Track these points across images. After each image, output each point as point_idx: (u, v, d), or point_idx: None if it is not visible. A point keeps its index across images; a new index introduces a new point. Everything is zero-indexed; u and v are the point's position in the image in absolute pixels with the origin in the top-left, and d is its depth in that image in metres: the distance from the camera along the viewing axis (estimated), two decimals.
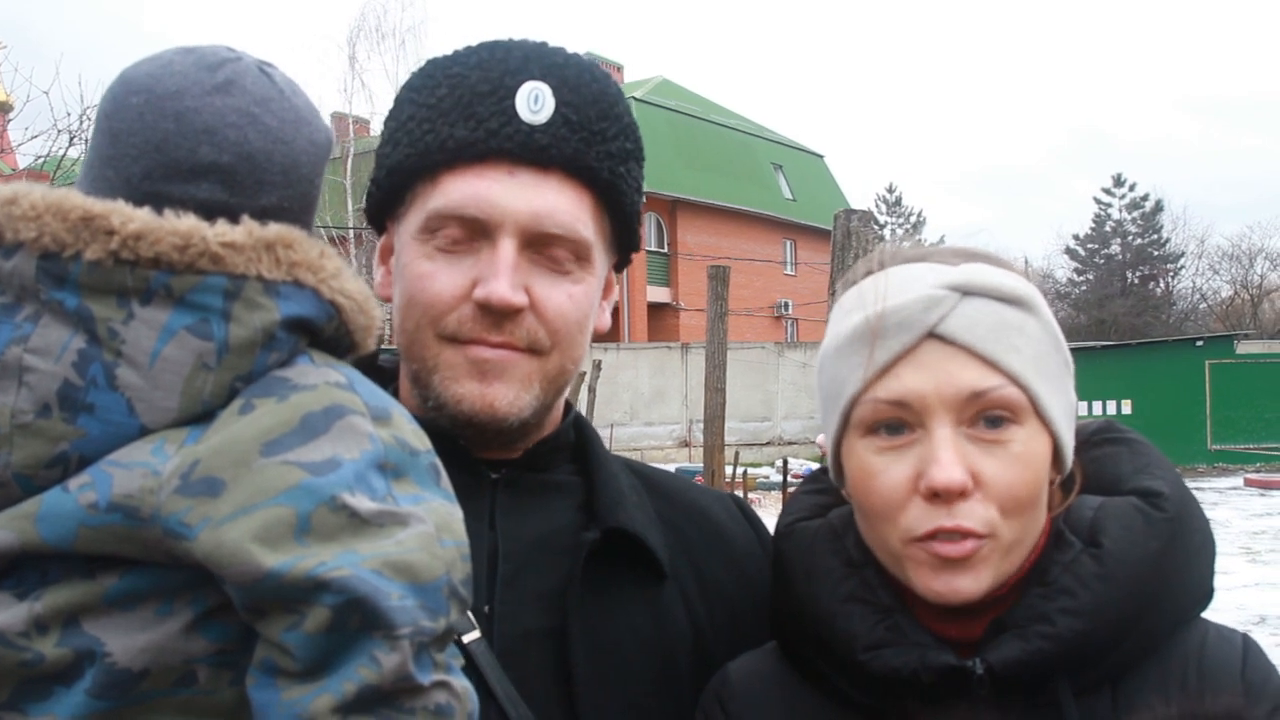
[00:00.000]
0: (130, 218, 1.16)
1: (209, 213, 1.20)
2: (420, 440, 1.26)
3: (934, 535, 1.25)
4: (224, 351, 1.17)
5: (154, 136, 1.21)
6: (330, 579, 1.09)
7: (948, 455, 1.24)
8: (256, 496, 1.12)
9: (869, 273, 1.37)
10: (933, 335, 1.28)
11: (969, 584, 1.25)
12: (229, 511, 1.11)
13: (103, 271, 1.15)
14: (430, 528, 1.18)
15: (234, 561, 1.10)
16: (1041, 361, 1.30)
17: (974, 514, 1.24)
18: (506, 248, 1.42)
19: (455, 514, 1.24)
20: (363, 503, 1.14)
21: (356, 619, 1.09)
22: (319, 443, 1.15)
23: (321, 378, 1.21)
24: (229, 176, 1.22)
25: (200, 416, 1.17)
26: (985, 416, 1.27)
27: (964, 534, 1.24)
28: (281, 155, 1.25)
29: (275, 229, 1.22)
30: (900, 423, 1.28)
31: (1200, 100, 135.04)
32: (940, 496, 1.24)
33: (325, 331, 1.26)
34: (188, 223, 1.18)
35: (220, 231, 1.18)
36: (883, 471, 1.29)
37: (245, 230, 1.20)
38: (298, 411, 1.17)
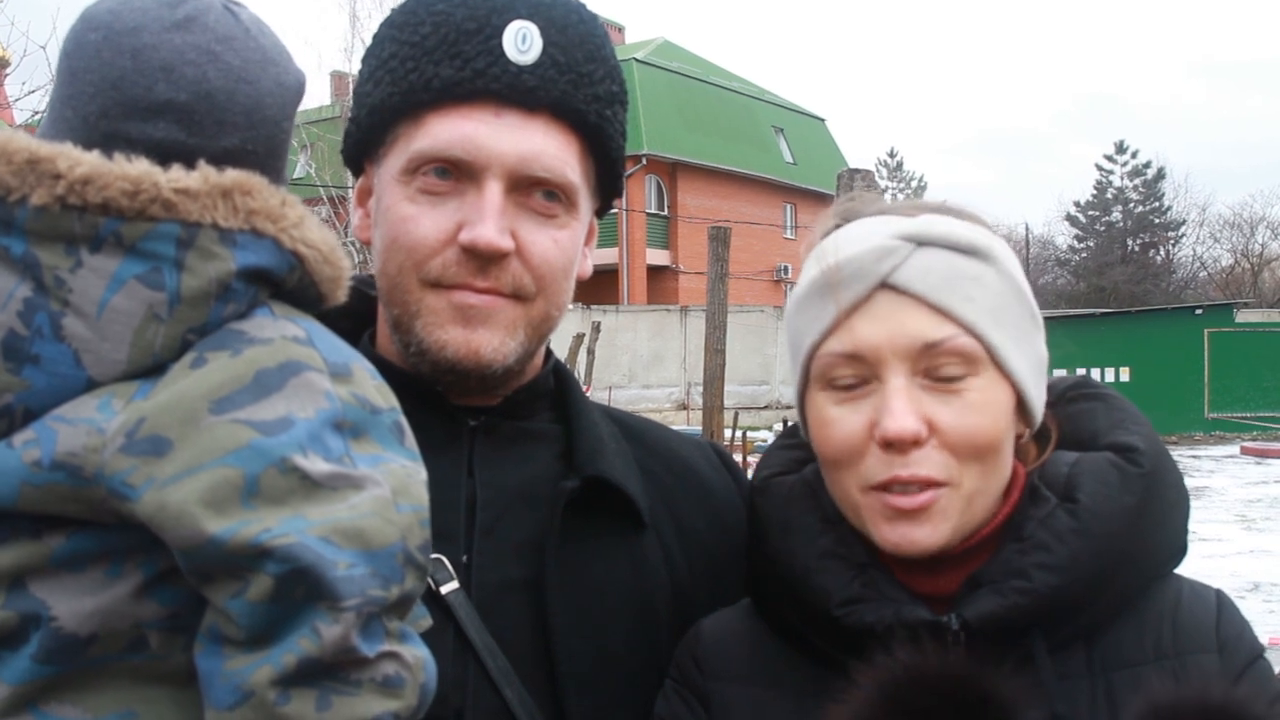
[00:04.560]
0: (78, 161, 1.12)
1: (167, 154, 1.16)
2: (384, 397, 1.22)
3: (890, 485, 1.25)
4: (176, 302, 1.12)
5: (111, 73, 1.17)
6: (274, 547, 1.05)
7: (900, 404, 1.24)
8: (203, 456, 1.07)
9: (827, 231, 1.37)
10: (886, 285, 1.28)
11: (925, 535, 1.26)
12: (174, 472, 1.07)
13: (50, 217, 1.11)
14: (386, 492, 1.14)
15: (177, 525, 1.06)
16: (1000, 312, 1.30)
17: (930, 461, 1.25)
18: (493, 191, 1.39)
19: (416, 475, 1.20)
20: (315, 464, 1.10)
21: (301, 589, 1.06)
22: (272, 400, 1.11)
23: (279, 331, 1.17)
24: (187, 116, 1.18)
25: (151, 370, 1.13)
26: (939, 366, 1.26)
27: (921, 483, 1.24)
28: (244, 95, 1.21)
29: (233, 175, 1.17)
30: (856, 375, 1.29)
31: (1208, 63, 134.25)
32: (894, 446, 1.24)
33: (288, 283, 1.22)
34: (139, 167, 1.13)
35: (174, 177, 1.13)
36: (839, 420, 1.29)
37: (201, 176, 1.15)
38: (251, 367, 1.12)
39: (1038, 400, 1.35)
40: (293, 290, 1.23)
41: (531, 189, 1.42)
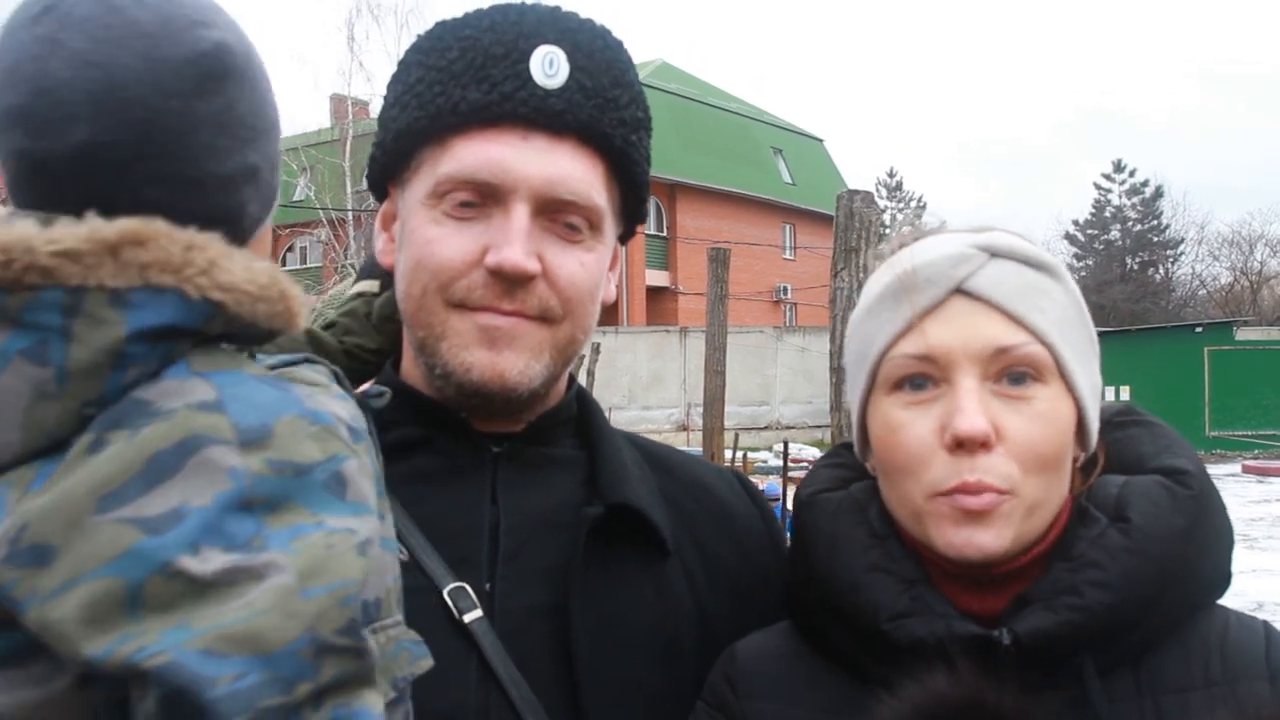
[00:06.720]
0: None
1: (31, 167, 1.07)
2: (321, 448, 1.08)
3: (957, 491, 1.25)
4: (63, 379, 1.02)
5: None
6: (148, 669, 0.94)
7: (972, 405, 1.25)
8: (84, 565, 0.97)
9: (899, 246, 1.40)
10: (960, 291, 1.30)
11: (989, 539, 1.25)
12: (54, 586, 0.97)
13: None
14: (290, 578, 0.99)
15: (58, 645, 0.97)
16: (1066, 326, 1.32)
17: (995, 469, 1.25)
18: (520, 213, 1.39)
19: (348, 540, 1.05)
20: (206, 563, 0.98)
21: (184, 709, 0.94)
22: (164, 490, 0.99)
23: (184, 399, 1.03)
24: (27, 119, 1.06)
25: (50, 448, 1.03)
26: (1009, 373, 1.28)
27: (985, 489, 1.25)
28: (88, 80, 1.06)
29: (121, 226, 1.04)
30: (925, 378, 1.30)
31: (1206, 80, 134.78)
32: (964, 446, 1.25)
33: (210, 330, 1.10)
34: (13, 232, 1.02)
35: (53, 238, 1.02)
36: (908, 425, 1.30)
37: (86, 232, 1.03)
38: (144, 451, 1.00)
39: (1094, 424, 1.36)
40: (227, 334, 1.12)
41: (558, 212, 1.42)
